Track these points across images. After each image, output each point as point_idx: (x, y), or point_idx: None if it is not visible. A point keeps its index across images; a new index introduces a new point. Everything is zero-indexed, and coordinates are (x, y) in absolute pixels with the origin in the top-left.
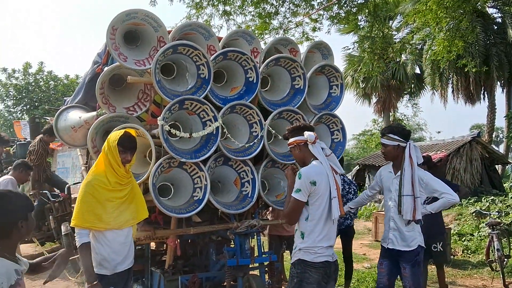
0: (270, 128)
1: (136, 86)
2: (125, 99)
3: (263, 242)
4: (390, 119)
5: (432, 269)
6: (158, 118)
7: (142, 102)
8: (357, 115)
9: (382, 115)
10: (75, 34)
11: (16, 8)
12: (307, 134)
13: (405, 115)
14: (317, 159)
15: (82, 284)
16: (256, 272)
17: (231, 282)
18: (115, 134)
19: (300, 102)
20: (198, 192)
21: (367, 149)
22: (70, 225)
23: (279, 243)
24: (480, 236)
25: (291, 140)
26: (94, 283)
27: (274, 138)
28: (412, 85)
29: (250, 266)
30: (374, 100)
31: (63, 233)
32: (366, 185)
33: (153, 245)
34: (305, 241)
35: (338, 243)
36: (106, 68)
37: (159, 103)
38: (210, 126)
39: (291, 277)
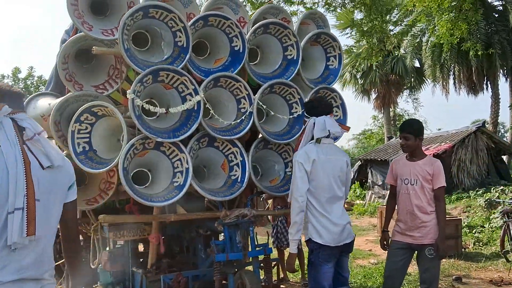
0: (261, 103)
1: (107, 62)
2: (94, 77)
3: (256, 233)
4: (391, 114)
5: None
6: (127, 91)
7: (113, 79)
8: (356, 113)
9: (382, 111)
10: None
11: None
12: None
13: (405, 111)
14: None
15: None
16: (250, 268)
17: (222, 281)
18: None
19: (293, 74)
20: (178, 177)
21: (367, 148)
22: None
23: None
24: (491, 228)
25: None
26: None
27: (266, 116)
28: (412, 79)
29: (246, 262)
30: (373, 96)
31: None
32: (369, 180)
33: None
34: None
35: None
36: (69, 39)
37: (132, 80)
38: (190, 100)
39: None
